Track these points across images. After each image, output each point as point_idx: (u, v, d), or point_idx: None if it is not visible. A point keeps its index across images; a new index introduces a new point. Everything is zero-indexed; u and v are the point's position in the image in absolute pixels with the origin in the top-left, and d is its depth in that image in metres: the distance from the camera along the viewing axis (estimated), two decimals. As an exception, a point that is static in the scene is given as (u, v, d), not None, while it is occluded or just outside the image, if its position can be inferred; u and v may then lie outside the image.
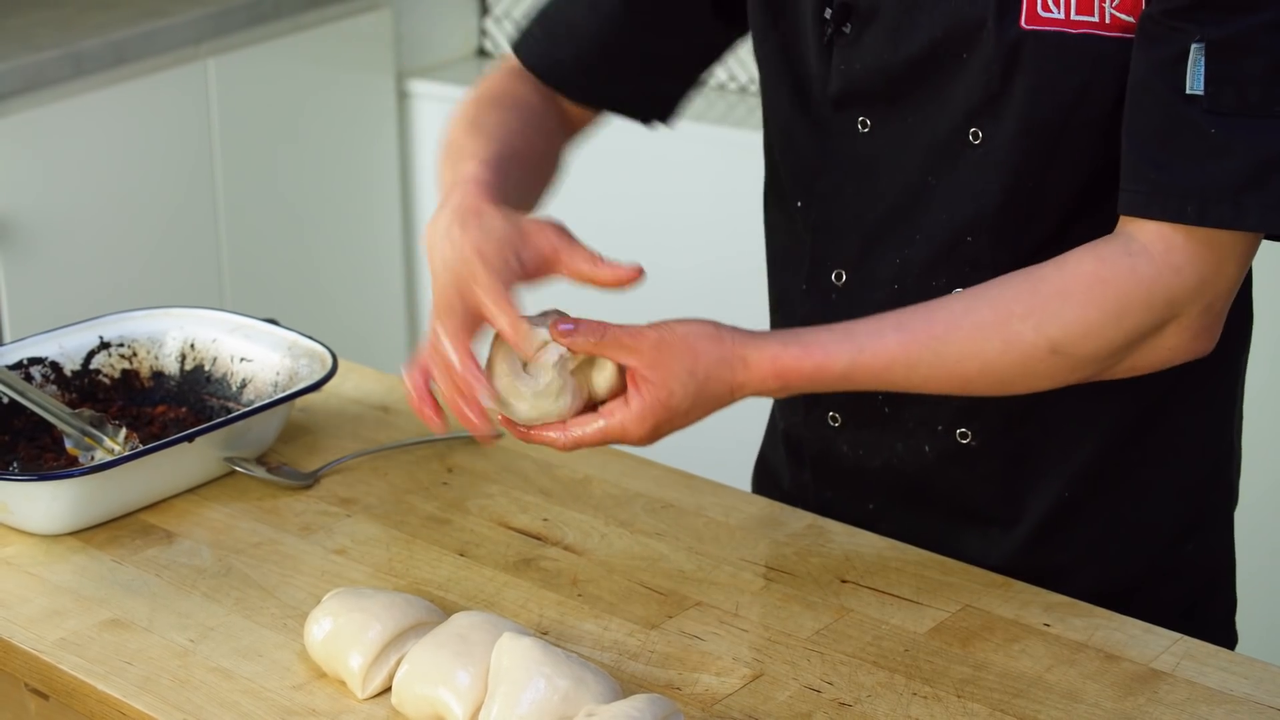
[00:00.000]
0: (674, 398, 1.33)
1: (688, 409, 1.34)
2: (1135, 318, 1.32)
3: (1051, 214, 1.40)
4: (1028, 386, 1.37)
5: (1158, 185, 1.31)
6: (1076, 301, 1.32)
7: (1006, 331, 1.33)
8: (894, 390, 1.38)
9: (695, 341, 1.35)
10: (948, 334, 1.34)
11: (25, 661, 1.37)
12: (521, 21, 1.65)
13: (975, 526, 1.51)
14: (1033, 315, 1.33)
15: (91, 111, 2.92)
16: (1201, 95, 1.29)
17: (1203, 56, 1.28)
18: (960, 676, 1.32)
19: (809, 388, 1.37)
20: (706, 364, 1.34)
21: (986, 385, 1.37)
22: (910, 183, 1.44)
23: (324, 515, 1.56)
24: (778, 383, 1.35)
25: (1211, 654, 1.35)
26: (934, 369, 1.35)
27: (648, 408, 1.34)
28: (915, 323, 1.35)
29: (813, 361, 1.35)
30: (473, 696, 1.25)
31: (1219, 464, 1.53)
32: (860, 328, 1.36)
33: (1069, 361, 1.34)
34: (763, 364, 1.35)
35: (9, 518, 1.52)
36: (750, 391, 1.36)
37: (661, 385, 1.33)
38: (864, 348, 1.35)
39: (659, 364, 1.33)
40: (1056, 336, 1.33)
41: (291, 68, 3.26)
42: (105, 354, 1.72)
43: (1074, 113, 1.37)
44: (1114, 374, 1.37)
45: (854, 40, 1.44)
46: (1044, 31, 1.36)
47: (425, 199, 3.56)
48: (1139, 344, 1.34)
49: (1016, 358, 1.34)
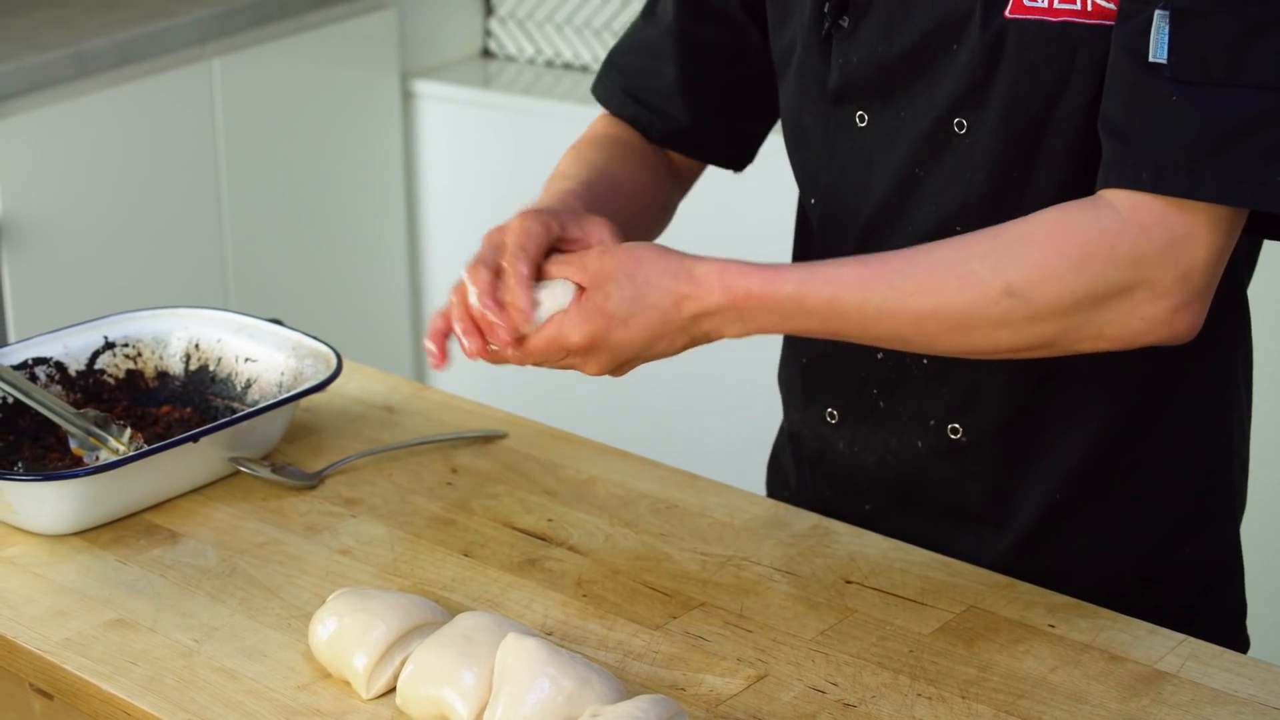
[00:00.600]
0: (610, 300, 1.33)
1: (626, 315, 1.33)
2: (1097, 268, 1.28)
3: (1038, 205, 1.40)
4: (985, 336, 1.32)
5: (1118, 153, 1.29)
6: (1037, 246, 1.30)
7: (962, 269, 1.31)
8: (850, 332, 1.34)
9: (640, 251, 1.35)
10: (905, 269, 1.32)
11: (30, 661, 1.37)
12: (526, 24, 1.68)
13: (967, 526, 1.52)
14: (991, 255, 1.31)
15: (96, 111, 2.92)
16: (1164, 63, 1.27)
17: (1166, 24, 1.27)
18: (965, 677, 1.32)
19: (760, 310, 1.34)
20: (649, 271, 1.34)
21: (940, 328, 1.32)
22: (901, 175, 1.45)
23: (329, 515, 1.56)
24: (725, 296, 1.33)
25: (1216, 655, 1.35)
26: (886, 301, 1.32)
27: (583, 312, 1.34)
28: (874, 259, 1.34)
29: (761, 278, 1.33)
30: (477, 697, 1.25)
31: (1215, 467, 1.52)
32: (821, 261, 1.35)
33: (1025, 307, 1.30)
34: (709, 276, 1.34)
35: (14, 518, 1.52)
36: (698, 306, 1.34)
37: (598, 288, 1.34)
38: (817, 272, 1.33)
39: (601, 271, 1.35)
40: (1014, 278, 1.30)
41: (296, 68, 3.26)
42: (110, 354, 1.72)
43: (1056, 102, 1.37)
44: (1082, 341, 1.32)
45: (851, 33, 1.45)
46: (1025, 20, 1.36)
47: (430, 199, 3.56)
48: (1104, 304, 1.29)
49: (971, 296, 1.30)
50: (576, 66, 3.54)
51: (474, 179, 3.50)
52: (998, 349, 1.34)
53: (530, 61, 3.61)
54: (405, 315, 3.60)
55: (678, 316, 1.34)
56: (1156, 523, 1.50)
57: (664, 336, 1.35)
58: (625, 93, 1.65)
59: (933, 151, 1.43)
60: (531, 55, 3.61)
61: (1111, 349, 1.33)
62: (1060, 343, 1.32)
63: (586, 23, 3.51)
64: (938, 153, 1.42)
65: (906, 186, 1.45)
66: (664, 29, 1.63)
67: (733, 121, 1.65)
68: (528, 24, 3.59)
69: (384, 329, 3.57)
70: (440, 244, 3.58)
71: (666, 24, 1.63)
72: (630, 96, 1.65)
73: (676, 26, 1.62)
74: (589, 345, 1.35)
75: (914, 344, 1.36)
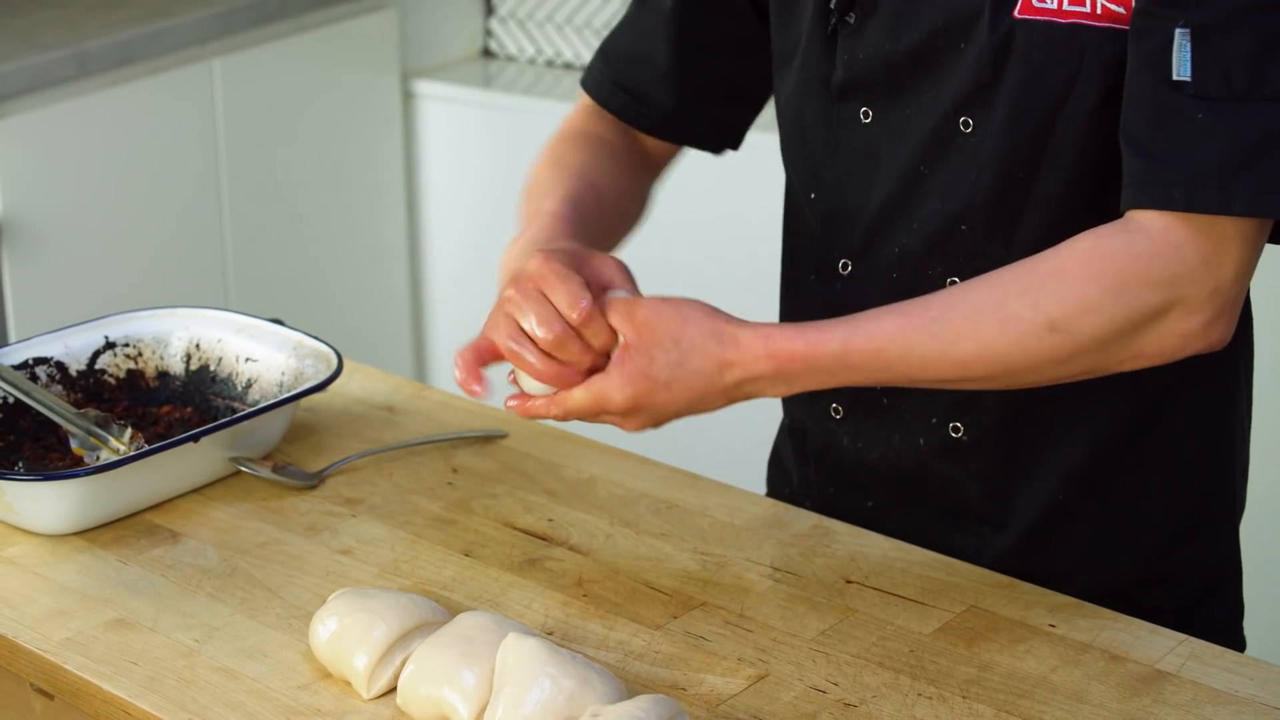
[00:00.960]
0: (654, 365, 1.33)
1: (669, 380, 1.33)
2: (1134, 293, 1.29)
3: (1045, 206, 1.40)
4: (1030, 371, 1.33)
5: (1147, 173, 1.29)
6: (1074, 278, 1.30)
7: (1003, 310, 1.31)
8: (893, 380, 1.35)
9: (686, 311, 1.34)
10: (944, 315, 1.33)
11: (30, 661, 1.37)
12: (527, 24, 1.68)
13: (968, 525, 1.52)
14: (1029, 293, 1.31)
15: (97, 111, 2.92)
16: (1188, 81, 1.28)
17: (1188, 41, 1.28)
18: (965, 677, 1.32)
19: (805, 372, 1.34)
20: (694, 334, 1.33)
21: (986, 369, 1.33)
22: (905, 172, 1.45)
23: (329, 515, 1.56)
24: (770, 363, 1.33)
25: (1217, 655, 1.35)
26: (930, 350, 1.32)
27: (626, 374, 1.33)
28: (912, 308, 1.34)
29: (805, 340, 1.33)
30: (478, 697, 1.25)
31: (1217, 468, 1.52)
32: (857, 315, 1.35)
33: (1069, 341, 1.31)
34: (754, 342, 1.33)
35: (14, 518, 1.52)
36: (742, 373, 1.34)
37: (643, 351, 1.33)
38: (858, 329, 1.33)
39: (645, 330, 1.34)
40: (1054, 313, 1.30)
41: (296, 68, 3.26)
42: (110, 354, 1.72)
43: (1063, 103, 1.37)
44: (1122, 361, 1.33)
45: (857, 30, 1.45)
46: (1034, 21, 1.36)
47: (430, 199, 3.56)
48: (1143, 327, 1.31)
49: (1014, 336, 1.31)
50: (577, 66, 3.54)
51: (474, 179, 3.50)
52: (1041, 381, 1.35)
53: (530, 61, 3.61)
54: (406, 315, 3.60)
55: (720, 382, 1.34)
56: (1159, 523, 1.50)
57: (705, 399, 1.35)
58: (614, 84, 1.65)
59: (938, 150, 1.43)
60: (532, 55, 3.61)
61: (1149, 365, 1.34)
62: (1101, 367, 1.34)
63: (587, 23, 3.51)
64: (943, 151, 1.42)
65: (911, 184, 1.45)
66: (662, 15, 1.62)
67: (721, 109, 1.65)
68: (528, 24, 3.59)
69: (385, 329, 3.57)
70: (441, 244, 3.58)
71: (665, 10, 1.62)
72: (619, 87, 1.64)
73: (675, 12, 1.61)
74: (631, 408, 1.34)
75: (958, 385, 1.37)
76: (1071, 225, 1.39)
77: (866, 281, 1.49)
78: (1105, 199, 1.38)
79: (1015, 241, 1.41)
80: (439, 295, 3.62)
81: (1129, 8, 1.33)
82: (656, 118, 1.64)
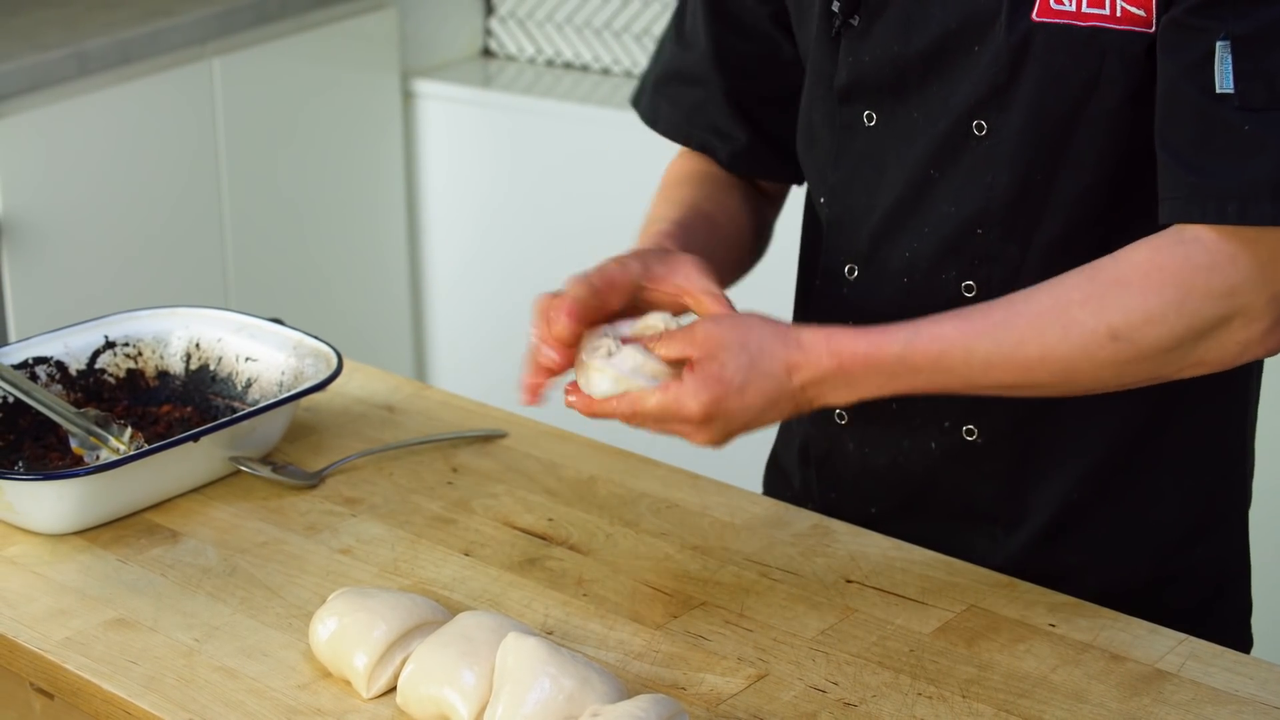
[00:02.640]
0: (726, 370, 1.32)
1: (742, 383, 1.32)
2: (1197, 305, 1.30)
3: (1062, 210, 1.40)
4: (1092, 378, 1.34)
5: (1197, 189, 1.29)
6: (1136, 289, 1.30)
7: (1065, 318, 1.31)
8: (953, 384, 1.35)
9: (747, 318, 1.35)
10: (1006, 320, 1.33)
11: (30, 661, 1.37)
12: (527, 23, 1.68)
13: (979, 527, 1.51)
14: (1091, 301, 1.31)
15: (97, 111, 2.92)
16: (1232, 93, 1.27)
17: (1229, 53, 1.27)
18: (965, 677, 1.32)
19: (867, 374, 1.34)
20: (759, 337, 1.33)
21: (1049, 375, 1.33)
22: (915, 176, 1.44)
23: (329, 515, 1.56)
24: (833, 362, 1.33)
25: (1217, 654, 1.35)
26: (992, 354, 1.33)
27: (699, 381, 1.32)
28: (973, 312, 1.34)
29: (867, 341, 1.33)
30: (478, 696, 1.25)
31: (1230, 466, 1.52)
32: (919, 319, 1.35)
33: (1131, 350, 1.31)
34: (817, 343, 1.33)
35: (14, 517, 1.52)
36: (809, 373, 1.33)
37: (713, 359, 1.32)
38: (920, 331, 1.33)
39: (710, 340, 1.33)
40: (1117, 322, 1.31)
41: (296, 67, 3.26)
42: (110, 353, 1.72)
43: (1082, 106, 1.36)
44: (1183, 369, 1.34)
45: (863, 32, 1.44)
46: (1053, 24, 1.35)
47: (430, 198, 3.56)
48: (1205, 336, 1.31)
49: (1076, 343, 1.31)
50: (577, 66, 3.54)
51: (474, 178, 3.50)
52: (1103, 388, 1.36)
53: (531, 61, 3.61)
54: (406, 314, 3.60)
55: (789, 385, 1.34)
56: (1171, 522, 1.50)
57: (776, 404, 1.34)
58: (688, 122, 1.64)
59: (950, 153, 1.42)
60: (532, 55, 3.61)
61: (1209, 372, 1.35)
62: (1161, 375, 1.34)
63: (587, 22, 3.51)
64: (955, 155, 1.42)
65: (921, 188, 1.44)
66: (700, 52, 1.61)
67: (781, 135, 1.62)
68: (528, 23, 3.59)
69: (385, 328, 3.57)
70: (441, 243, 3.58)
71: (701, 48, 1.61)
72: (693, 125, 1.63)
73: (711, 48, 1.60)
74: (706, 415, 1.33)
75: (1017, 391, 1.37)
76: (1090, 228, 1.39)
77: (873, 286, 1.48)
78: (1123, 201, 1.38)
79: (1033, 245, 1.41)
80: (439, 294, 3.62)
81: (1149, 10, 1.32)
82: (734, 151, 1.62)
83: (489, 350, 3.55)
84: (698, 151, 1.65)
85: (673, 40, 1.65)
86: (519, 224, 3.45)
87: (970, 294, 1.44)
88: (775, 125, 1.62)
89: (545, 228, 3.40)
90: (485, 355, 3.56)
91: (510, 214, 3.47)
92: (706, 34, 1.60)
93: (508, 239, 3.48)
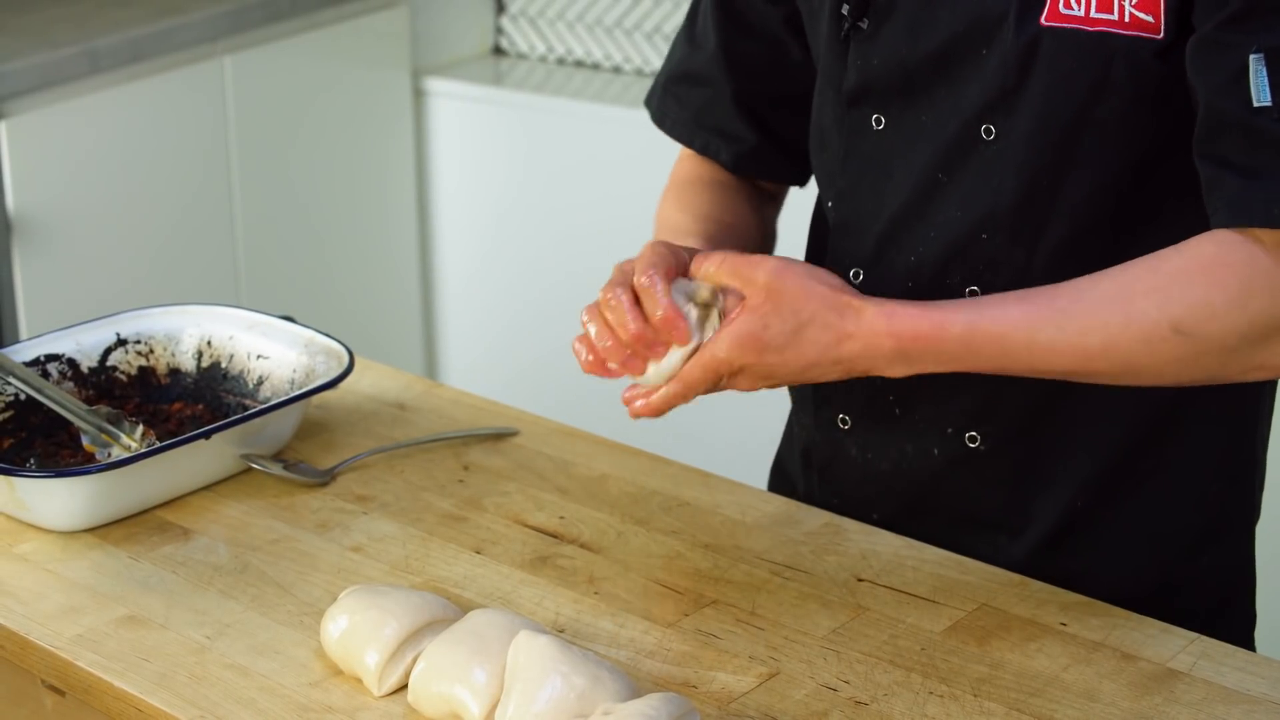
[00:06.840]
0: (768, 331, 1.32)
1: (781, 345, 1.32)
2: (1259, 303, 1.28)
3: (1069, 213, 1.40)
4: (1153, 371, 1.32)
5: (1254, 193, 1.28)
6: (1199, 283, 1.29)
7: (1129, 308, 1.30)
8: (1013, 368, 1.34)
9: (811, 284, 1.34)
10: (1071, 306, 1.31)
11: (42, 658, 1.37)
12: (538, 21, 1.68)
13: (982, 534, 1.51)
14: (1155, 293, 1.30)
15: (108, 109, 2.92)
16: (1270, 105, 1.27)
17: (1264, 66, 1.26)
18: (977, 675, 1.32)
19: (926, 354, 1.33)
20: (815, 308, 1.33)
21: (1110, 365, 1.32)
22: (922, 180, 1.44)
23: (340, 512, 1.56)
24: (892, 342, 1.32)
25: (1229, 654, 1.35)
26: (1055, 340, 1.31)
27: (734, 336, 1.33)
28: (1038, 296, 1.33)
29: (930, 321, 1.32)
30: (489, 694, 1.25)
31: (1238, 477, 1.51)
32: (981, 299, 1.34)
33: (1193, 345, 1.30)
34: (878, 319, 1.32)
35: (26, 514, 1.52)
36: (861, 346, 1.33)
37: (759, 317, 1.32)
38: (983, 313, 1.32)
39: (770, 294, 1.33)
40: (1180, 315, 1.29)
41: (307, 65, 3.27)
42: (122, 351, 1.72)
43: (1089, 110, 1.36)
44: (1245, 371, 1.32)
45: (871, 35, 1.44)
46: (1061, 28, 1.35)
47: (441, 196, 3.56)
48: (1268, 339, 1.29)
49: (1138, 334, 1.30)
50: (588, 64, 3.54)
51: (485, 176, 3.50)
52: (1163, 382, 1.34)
53: (542, 59, 3.61)
54: (417, 312, 3.61)
55: (835, 353, 1.33)
56: (1177, 530, 1.49)
57: (817, 366, 1.34)
58: (695, 123, 1.65)
59: (958, 157, 1.42)
60: (543, 53, 3.61)
61: (1270, 378, 1.34)
62: (1224, 375, 1.33)
63: (598, 20, 3.51)
64: (963, 158, 1.41)
65: (929, 192, 1.44)
66: (709, 53, 1.62)
67: (788, 137, 1.63)
68: (539, 21, 3.59)
69: (396, 326, 3.57)
70: (451, 241, 3.59)
71: (710, 48, 1.62)
72: (699, 126, 1.64)
73: (721, 49, 1.61)
74: (738, 368, 1.34)
75: (1076, 377, 1.36)
76: (1097, 232, 1.39)
77: (878, 291, 1.48)
78: (1132, 204, 1.38)
79: (1039, 249, 1.41)
80: (450, 292, 3.62)
81: (1157, 17, 1.32)
82: (740, 152, 1.63)
83: (500, 348, 3.56)
84: (701, 155, 1.65)
85: (684, 41, 1.66)
86: (530, 222, 3.46)
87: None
88: (782, 127, 1.63)
89: (556, 226, 3.41)
90: (496, 353, 3.56)
91: (521, 212, 3.47)
92: (716, 35, 1.61)
93: (518, 237, 3.49)
